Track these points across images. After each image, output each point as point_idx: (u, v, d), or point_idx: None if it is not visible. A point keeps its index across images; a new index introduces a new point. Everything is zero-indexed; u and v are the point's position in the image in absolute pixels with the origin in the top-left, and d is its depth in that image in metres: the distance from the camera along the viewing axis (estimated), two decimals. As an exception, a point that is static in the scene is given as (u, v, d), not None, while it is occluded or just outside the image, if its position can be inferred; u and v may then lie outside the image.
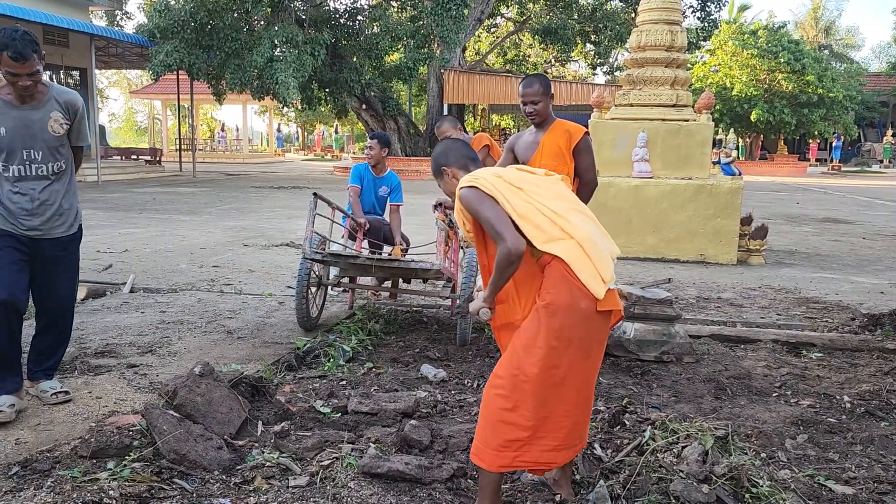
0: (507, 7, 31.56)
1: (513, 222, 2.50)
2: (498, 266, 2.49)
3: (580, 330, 2.49)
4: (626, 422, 3.33)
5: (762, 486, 2.69)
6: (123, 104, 58.29)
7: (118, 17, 27.09)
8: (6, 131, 3.30)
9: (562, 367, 2.48)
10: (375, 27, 21.45)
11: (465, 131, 5.92)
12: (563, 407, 2.53)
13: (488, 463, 2.50)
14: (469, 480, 2.87)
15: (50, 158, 3.44)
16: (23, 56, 3.14)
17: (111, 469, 2.80)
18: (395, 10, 23.28)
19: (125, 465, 2.81)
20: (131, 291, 6.25)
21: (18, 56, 3.14)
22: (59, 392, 3.55)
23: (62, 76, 22.44)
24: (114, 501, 2.55)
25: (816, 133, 34.94)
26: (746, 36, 33.59)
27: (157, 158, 25.67)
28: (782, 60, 31.42)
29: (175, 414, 3.10)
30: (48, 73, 22.41)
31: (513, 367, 2.51)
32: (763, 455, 3.07)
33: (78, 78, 23.08)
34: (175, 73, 20.80)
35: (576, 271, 2.48)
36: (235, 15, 19.77)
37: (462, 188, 2.62)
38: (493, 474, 2.53)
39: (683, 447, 2.89)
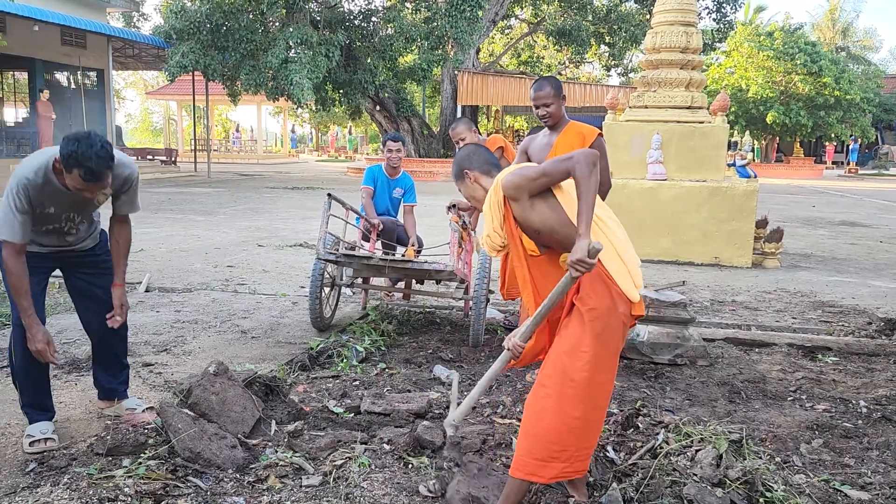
0: (522, 8, 31.53)
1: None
2: (582, 175, 2.40)
3: (618, 334, 2.51)
4: (640, 424, 3.32)
5: (777, 491, 2.68)
6: (139, 105, 58.67)
7: (135, 19, 27.35)
8: (55, 209, 3.06)
9: (605, 371, 2.49)
10: (390, 28, 21.50)
11: (479, 133, 5.92)
12: (601, 411, 2.56)
13: (538, 475, 2.44)
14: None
15: (89, 219, 3.28)
16: (97, 177, 2.81)
17: (127, 466, 2.83)
18: (410, 11, 23.31)
19: (140, 463, 2.84)
20: (147, 291, 6.30)
21: (92, 178, 2.79)
22: (148, 408, 3.44)
23: (79, 77, 22.67)
24: (129, 499, 2.57)
25: (833, 135, 34.67)
26: (762, 37, 33.37)
27: (173, 159, 25.86)
28: (799, 62, 31.19)
29: (190, 413, 3.12)
30: (65, 73, 22.67)
31: (558, 373, 2.47)
32: (778, 459, 3.05)
33: (95, 79, 23.31)
34: (191, 74, 20.95)
35: (614, 276, 2.49)
36: (251, 16, 19.88)
37: (508, 175, 2.60)
38: (524, 483, 2.49)
39: (697, 451, 2.87)
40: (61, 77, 22.95)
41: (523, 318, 2.76)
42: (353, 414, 3.57)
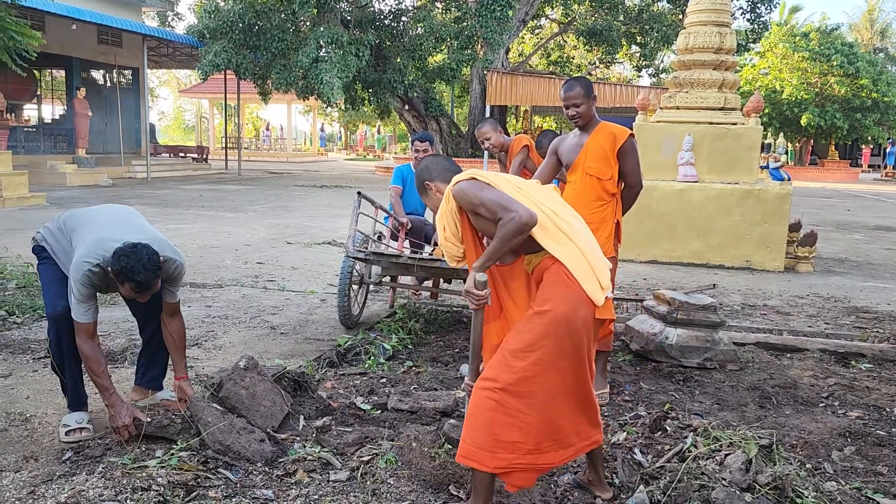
0: (552, 8, 31.38)
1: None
2: (505, 234, 2.42)
3: (577, 337, 2.46)
4: (668, 428, 3.30)
5: (807, 498, 2.65)
6: (172, 103, 59.60)
7: (169, 18, 27.73)
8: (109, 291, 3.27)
9: (556, 371, 2.45)
10: (419, 28, 21.55)
11: (507, 133, 5.91)
12: (559, 410, 2.50)
13: (483, 464, 2.46)
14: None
15: None
16: (146, 288, 2.99)
17: (159, 457, 2.88)
18: (440, 11, 23.35)
19: (173, 454, 2.89)
20: (178, 286, 6.39)
21: (142, 289, 2.99)
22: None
23: (115, 75, 23.07)
24: (162, 489, 2.63)
25: (870, 138, 33.99)
26: (798, 38, 32.82)
27: (204, 156, 26.20)
28: (835, 63, 30.63)
29: (219, 407, 3.17)
30: (101, 71, 23.09)
31: (505, 370, 2.47)
32: (809, 466, 3.01)
33: (130, 77, 23.71)
34: (223, 72, 21.21)
35: (576, 277, 2.45)
36: (282, 16, 20.07)
37: (458, 182, 2.59)
38: (486, 474, 2.50)
39: (726, 455, 2.85)
40: (97, 75, 23.38)
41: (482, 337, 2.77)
42: (380, 411, 3.59)
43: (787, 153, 32.20)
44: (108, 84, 23.35)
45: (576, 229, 2.56)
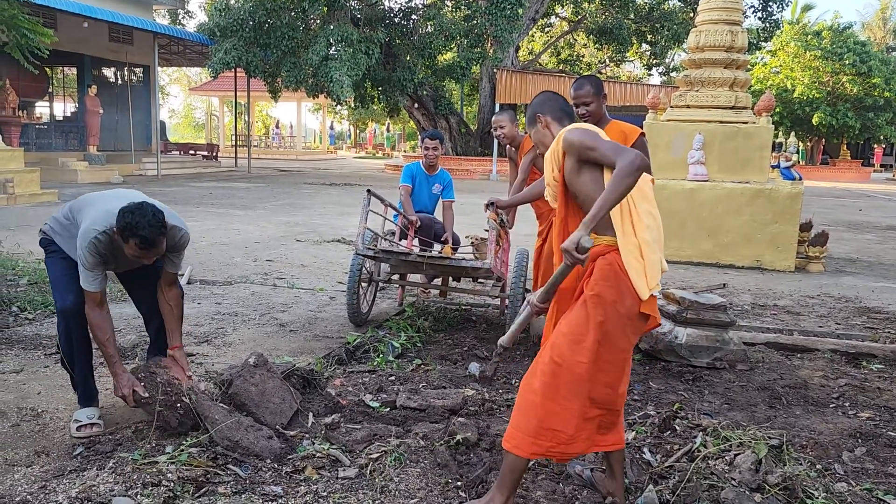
0: (562, 6, 31.29)
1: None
2: (620, 174, 2.38)
3: (622, 328, 2.50)
4: (677, 427, 3.29)
5: (817, 498, 2.63)
6: (183, 100, 59.79)
7: (180, 16, 27.80)
8: (121, 263, 3.28)
9: (603, 360, 2.49)
10: (429, 26, 21.54)
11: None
12: (599, 400, 2.53)
13: (523, 450, 2.49)
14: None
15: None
16: (152, 244, 2.97)
17: (169, 453, 2.90)
18: (450, 9, 23.32)
19: (182, 450, 2.90)
20: (188, 283, 6.42)
21: (147, 245, 2.96)
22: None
23: (126, 73, 23.18)
24: (172, 484, 2.64)
25: (882, 138, 33.72)
26: (810, 37, 32.62)
27: (214, 154, 26.30)
28: (847, 62, 30.42)
29: (225, 406, 3.18)
30: (112, 69, 23.20)
31: (556, 356, 2.51)
32: (819, 467, 2.99)
33: (141, 74, 23.81)
34: (233, 70, 21.27)
35: (628, 269, 2.48)
36: (292, 14, 20.10)
37: (573, 129, 2.61)
38: (522, 461, 2.53)
39: (735, 455, 2.84)
40: (109, 73, 23.50)
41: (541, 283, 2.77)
42: (388, 408, 3.60)
43: (798, 152, 32.00)
44: (120, 82, 23.47)
45: (643, 224, 2.56)
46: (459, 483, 2.85)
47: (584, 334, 2.48)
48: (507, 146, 5.26)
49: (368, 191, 4.90)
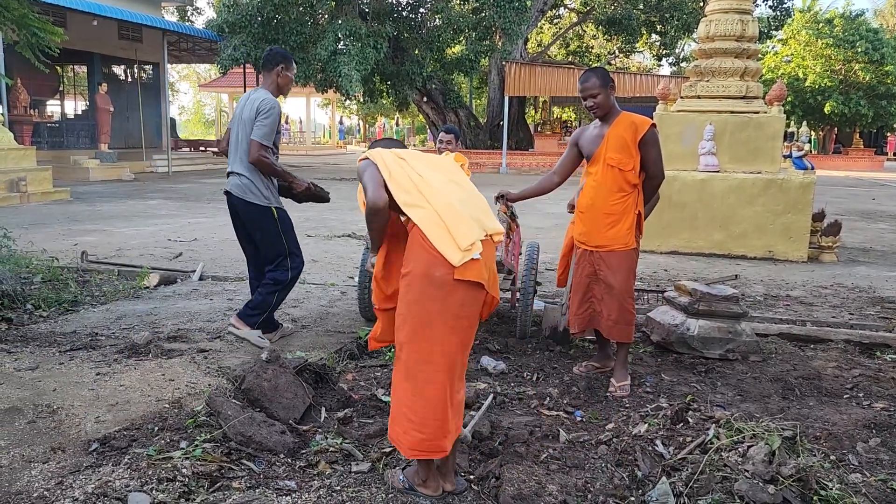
0: (571, -2, 31.17)
1: (386, 187, 2.60)
2: (366, 218, 2.62)
3: (438, 302, 2.46)
4: (690, 419, 3.28)
5: (831, 490, 2.62)
6: (192, 97, 59.98)
7: (189, 13, 27.85)
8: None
9: (425, 340, 2.47)
10: (437, 20, 21.49)
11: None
12: (436, 386, 2.49)
13: (399, 445, 2.58)
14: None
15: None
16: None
17: (184, 448, 2.92)
18: (458, 2, 23.26)
19: (197, 446, 2.93)
20: (200, 279, 6.46)
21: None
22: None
23: (136, 70, 23.27)
24: (186, 479, 2.66)
25: (895, 126, 33.37)
26: (821, 25, 32.32)
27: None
28: (860, 50, 30.13)
29: (237, 402, 3.20)
30: (122, 67, 23.29)
31: (398, 337, 2.58)
32: (833, 458, 2.98)
33: (150, 72, 23.91)
34: (242, 66, 21.30)
35: (429, 237, 2.47)
36: (301, 9, 20.10)
37: (359, 161, 2.78)
38: (415, 461, 2.59)
39: (749, 447, 2.83)
40: (118, 70, 23.60)
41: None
42: (400, 402, 3.60)
43: (810, 142, 31.74)
44: (130, 79, 23.57)
45: (436, 191, 2.57)
46: (472, 476, 2.86)
47: (403, 315, 2.53)
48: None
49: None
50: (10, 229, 6.49)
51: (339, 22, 19.14)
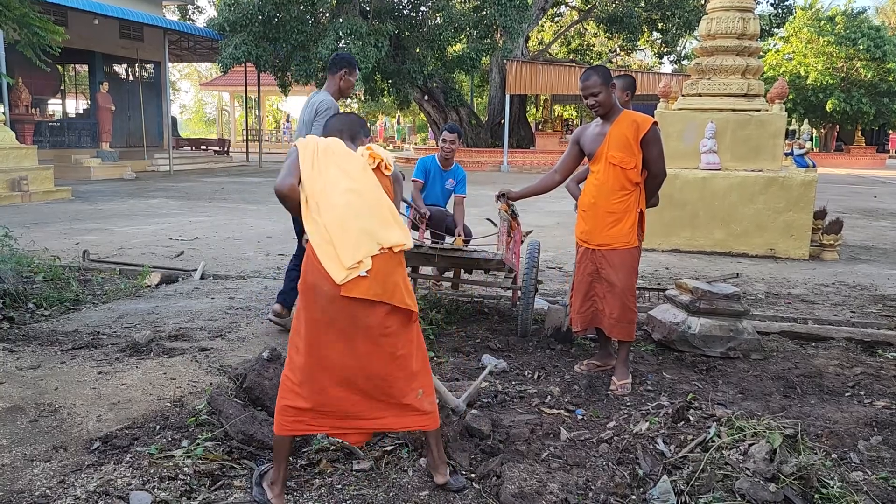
0: (572, -4, 31.13)
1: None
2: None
3: (327, 313, 2.51)
4: (691, 417, 3.28)
5: (833, 488, 2.62)
6: (193, 96, 59.95)
7: (190, 12, 27.87)
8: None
9: (318, 346, 2.53)
10: (438, 18, 21.48)
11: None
12: (329, 385, 2.54)
13: (275, 426, 2.61)
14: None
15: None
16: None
17: (186, 447, 2.93)
18: (459, 0, 23.25)
19: (198, 444, 2.93)
20: (202, 278, 6.46)
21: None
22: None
23: (137, 69, 23.28)
24: (188, 478, 2.67)
25: (897, 123, 33.33)
26: (823, 22, 32.25)
27: (225, 149, 26.39)
28: (861, 47, 30.07)
29: (239, 401, 3.21)
30: (123, 66, 23.31)
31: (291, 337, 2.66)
32: (834, 456, 2.98)
33: (152, 71, 23.90)
34: (243, 65, 21.30)
35: (317, 253, 2.51)
36: (301, 8, 20.09)
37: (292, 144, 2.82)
38: (279, 437, 2.61)
39: (750, 445, 2.83)
40: (120, 69, 23.60)
41: None
42: (402, 401, 3.60)
43: (811, 140, 31.73)
44: (131, 78, 23.57)
45: (329, 204, 2.58)
46: (473, 475, 2.86)
47: (298, 318, 2.60)
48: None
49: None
50: (11, 228, 6.50)
51: (340, 20, 19.14)
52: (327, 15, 20.74)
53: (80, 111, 23.84)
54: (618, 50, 35.31)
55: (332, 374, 2.55)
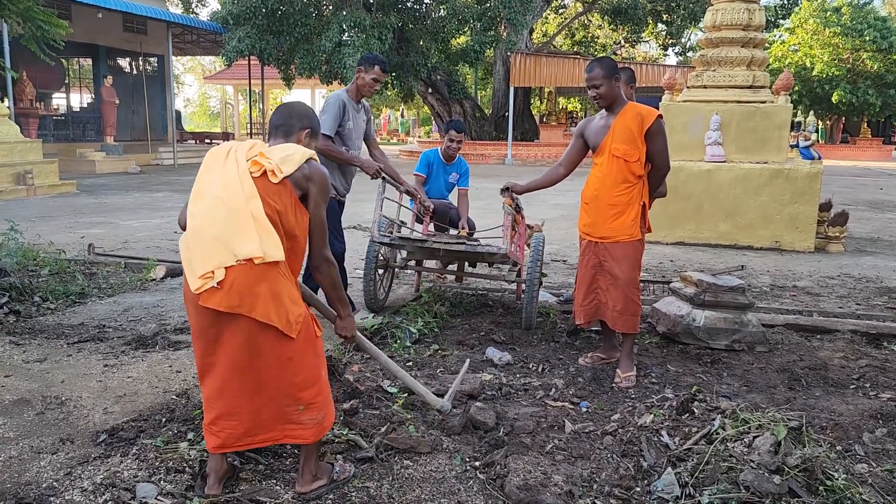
0: (576, -13, 31.00)
1: None
2: None
3: (197, 322, 2.47)
4: (695, 410, 3.28)
5: (837, 480, 2.62)
6: (197, 90, 59.94)
7: (193, 5, 27.82)
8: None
9: (199, 351, 2.51)
10: (442, 10, 21.42)
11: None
12: (216, 392, 2.50)
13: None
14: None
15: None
16: (388, 70, 4.12)
17: (191, 439, 2.94)
18: (462, -8, 23.18)
19: (204, 436, 2.94)
20: (207, 271, 6.46)
21: (386, 69, 4.70)
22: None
23: (141, 62, 23.28)
24: (194, 470, 2.68)
25: (903, 115, 33.15)
26: (829, 13, 32.04)
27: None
28: (868, 38, 29.88)
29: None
30: (127, 59, 23.31)
31: None
32: (839, 448, 2.98)
33: (155, 64, 23.91)
34: (247, 58, 21.29)
35: (183, 261, 2.49)
36: (305, 1, 20.06)
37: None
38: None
39: (754, 437, 2.83)
40: (123, 63, 23.61)
41: None
42: (406, 394, 3.61)
43: (817, 131, 31.57)
44: (135, 72, 23.59)
45: (193, 212, 2.51)
46: (477, 464, 2.87)
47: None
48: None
49: (382, 177, 4.88)
50: (17, 222, 6.52)
51: (344, 13, 19.11)
52: (330, 7, 20.71)
53: (85, 105, 23.87)
54: (622, 42, 35.15)
55: (213, 380, 2.50)
